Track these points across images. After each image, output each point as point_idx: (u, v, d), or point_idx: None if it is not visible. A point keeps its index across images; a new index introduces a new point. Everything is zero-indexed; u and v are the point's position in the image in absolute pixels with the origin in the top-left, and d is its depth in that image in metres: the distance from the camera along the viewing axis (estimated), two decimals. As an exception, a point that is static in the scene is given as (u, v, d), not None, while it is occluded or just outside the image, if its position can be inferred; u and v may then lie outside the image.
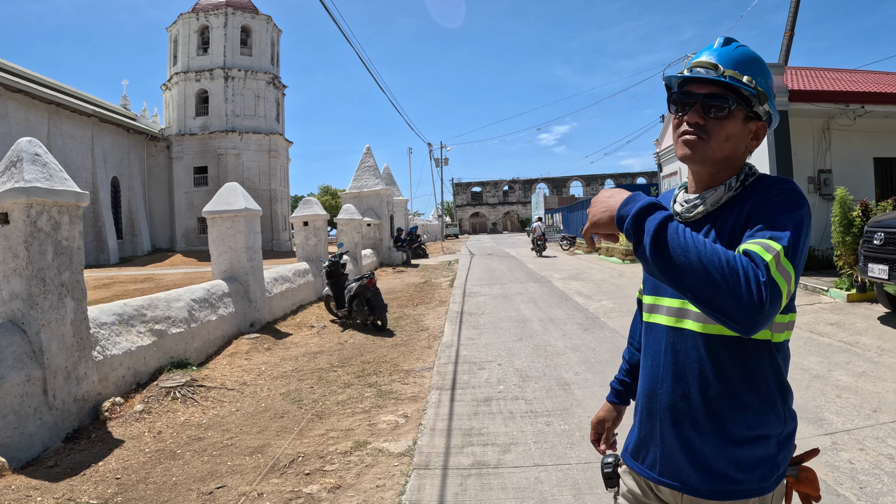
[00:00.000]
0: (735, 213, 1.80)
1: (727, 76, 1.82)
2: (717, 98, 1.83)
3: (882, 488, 4.28)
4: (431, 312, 14.06)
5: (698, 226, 1.89)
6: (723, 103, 1.82)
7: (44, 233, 5.98)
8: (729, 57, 1.87)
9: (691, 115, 1.85)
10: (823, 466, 4.66)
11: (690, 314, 1.83)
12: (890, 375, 7.02)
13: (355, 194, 31.26)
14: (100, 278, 25.71)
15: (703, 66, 1.86)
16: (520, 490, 4.56)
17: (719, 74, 1.82)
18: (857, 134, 17.09)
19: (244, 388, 7.80)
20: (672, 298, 1.90)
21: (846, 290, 12.38)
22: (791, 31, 28.33)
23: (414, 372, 8.39)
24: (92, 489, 4.88)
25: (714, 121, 1.84)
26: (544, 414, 6.30)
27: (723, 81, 1.82)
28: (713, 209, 1.88)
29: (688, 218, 1.92)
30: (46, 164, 6.17)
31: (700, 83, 1.87)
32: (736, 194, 1.87)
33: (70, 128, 38.78)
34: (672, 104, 1.96)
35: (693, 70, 1.88)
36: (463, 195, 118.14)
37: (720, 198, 1.87)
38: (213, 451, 5.67)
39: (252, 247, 11.91)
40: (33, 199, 5.81)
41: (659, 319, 1.95)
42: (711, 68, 1.85)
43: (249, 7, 53.31)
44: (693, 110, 1.85)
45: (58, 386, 5.94)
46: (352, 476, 4.98)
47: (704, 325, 1.79)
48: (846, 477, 4.48)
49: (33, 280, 5.81)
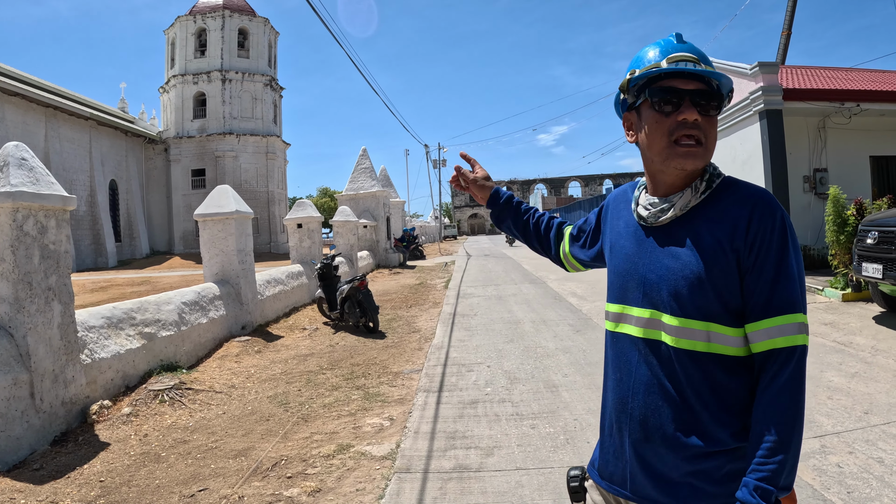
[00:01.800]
0: (712, 225, 1.75)
1: (707, 70, 1.75)
2: (705, 94, 1.76)
3: (870, 493, 4.23)
4: (424, 314, 14.05)
5: (669, 231, 1.84)
6: (711, 100, 1.77)
7: (30, 237, 5.97)
8: (699, 53, 1.80)
9: (690, 112, 1.74)
10: (811, 470, 4.63)
11: (664, 326, 1.78)
12: (883, 376, 6.99)
13: (351, 196, 31.27)
14: (97, 281, 25.69)
15: (686, 59, 1.76)
16: (500, 494, 4.53)
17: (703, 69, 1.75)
18: (854, 132, 17.04)
19: (232, 391, 7.79)
20: (641, 308, 1.84)
21: (841, 290, 12.36)
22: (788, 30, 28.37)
23: (403, 374, 8.38)
24: (76, 492, 4.88)
25: (707, 119, 1.77)
26: (530, 417, 6.27)
27: (707, 77, 1.77)
28: (681, 214, 1.82)
29: (655, 223, 1.86)
30: (33, 168, 6.16)
31: (686, 79, 1.77)
32: (705, 197, 1.81)
33: (68, 131, 38.79)
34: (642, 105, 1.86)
35: (677, 63, 1.76)
36: (461, 196, 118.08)
37: (688, 202, 1.81)
38: (198, 454, 5.66)
39: (243, 249, 11.90)
40: (19, 203, 5.80)
41: (628, 330, 1.89)
42: (694, 62, 1.76)
43: (247, 9, 53.37)
44: (687, 107, 1.75)
45: (45, 389, 5.93)
46: (333, 479, 4.97)
47: (677, 340, 1.74)
48: (833, 481, 4.44)
49: (20, 284, 5.80)
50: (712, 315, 1.70)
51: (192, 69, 51.44)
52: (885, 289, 9.90)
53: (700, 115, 1.74)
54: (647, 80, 1.82)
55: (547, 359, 8.73)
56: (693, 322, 1.71)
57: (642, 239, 1.90)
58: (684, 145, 1.76)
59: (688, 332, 1.72)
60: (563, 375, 7.78)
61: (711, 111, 1.77)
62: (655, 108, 1.80)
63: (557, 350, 9.26)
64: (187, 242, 49.22)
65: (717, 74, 1.75)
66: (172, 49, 53.02)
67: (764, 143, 16.01)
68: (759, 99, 15.90)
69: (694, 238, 1.76)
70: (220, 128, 50.82)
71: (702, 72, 1.74)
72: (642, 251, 1.88)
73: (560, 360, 8.56)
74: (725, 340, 1.71)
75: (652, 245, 1.86)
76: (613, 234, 2.06)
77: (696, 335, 1.71)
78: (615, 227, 2.07)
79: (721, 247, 1.71)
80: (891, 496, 4.17)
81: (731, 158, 17.57)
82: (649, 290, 1.82)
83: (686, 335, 1.72)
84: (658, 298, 1.79)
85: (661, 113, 1.78)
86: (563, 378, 7.65)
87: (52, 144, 36.58)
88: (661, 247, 1.83)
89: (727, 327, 1.71)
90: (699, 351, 1.71)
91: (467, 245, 58.40)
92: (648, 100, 1.82)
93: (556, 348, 9.40)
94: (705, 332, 1.71)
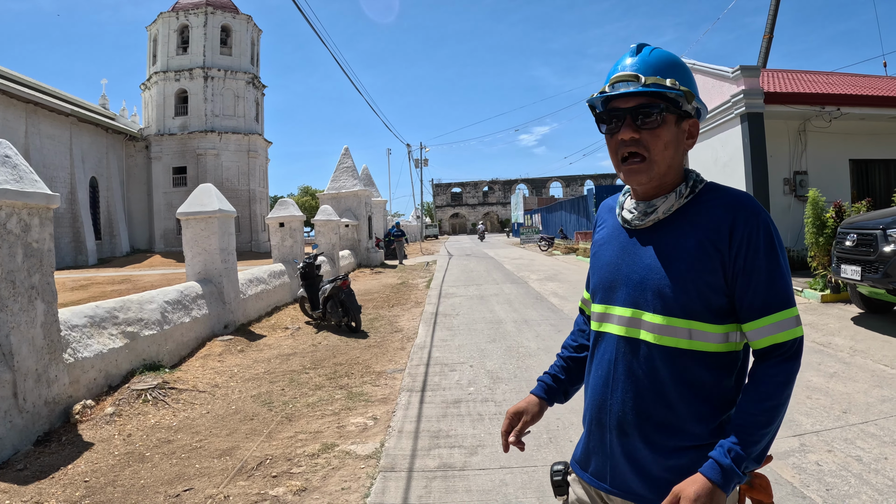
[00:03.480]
0: (694, 228, 1.81)
1: (649, 84, 1.79)
2: (644, 108, 1.81)
3: (849, 490, 4.30)
4: (406, 314, 14.06)
5: (652, 233, 1.89)
6: (651, 111, 1.81)
7: (13, 235, 5.93)
8: (647, 64, 1.85)
9: (625, 132, 1.82)
10: (790, 468, 4.70)
11: (644, 324, 1.83)
12: (861, 376, 7.08)
13: (333, 195, 31.20)
14: (77, 279, 25.52)
15: (624, 79, 1.83)
16: (484, 492, 4.57)
17: (642, 84, 1.79)
18: (833, 136, 17.18)
19: (215, 391, 7.78)
20: (623, 307, 1.89)
21: (820, 291, 12.48)
22: (770, 34, 28.56)
23: (386, 374, 8.40)
24: (60, 492, 4.86)
25: (648, 132, 1.81)
26: (513, 416, 6.29)
27: (647, 91, 1.80)
28: (664, 217, 1.88)
29: (639, 226, 1.92)
30: (17, 165, 6.13)
31: (625, 97, 1.84)
32: (688, 201, 1.87)
33: (48, 127, 38.50)
34: (601, 124, 1.94)
35: (614, 86, 1.84)
36: (443, 196, 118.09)
37: (671, 206, 1.86)
38: (182, 454, 5.65)
39: (226, 248, 11.88)
40: (2, 201, 5.75)
41: (610, 329, 1.93)
42: (633, 80, 1.81)
43: (230, 6, 53.16)
44: (625, 126, 1.83)
45: (28, 389, 5.90)
46: (318, 478, 4.98)
47: (659, 337, 1.79)
48: (813, 479, 4.50)
49: (3, 282, 5.75)
50: (694, 313, 1.76)
51: (174, 66, 51.17)
52: (864, 290, 10.01)
53: (639, 131, 1.82)
54: (601, 101, 1.92)
55: (529, 358, 8.77)
56: (676, 320, 1.77)
57: (626, 241, 1.96)
58: (627, 163, 1.86)
59: (670, 330, 1.78)
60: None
61: (653, 125, 1.82)
62: (604, 130, 1.92)
63: (539, 350, 9.30)
64: (168, 241, 48.98)
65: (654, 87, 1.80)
66: (154, 45, 52.69)
67: (745, 146, 16.14)
68: (741, 102, 16.03)
69: (677, 239, 1.82)
70: (201, 125, 50.60)
71: (633, 92, 1.81)
72: (626, 252, 1.94)
73: (542, 360, 8.59)
74: (707, 337, 1.77)
75: (635, 246, 1.92)
76: (598, 241, 2.12)
77: (678, 332, 1.77)
78: (601, 235, 2.13)
79: (704, 247, 1.77)
80: (869, 493, 4.23)
81: (713, 160, 17.70)
82: (632, 289, 1.87)
83: (668, 332, 1.78)
84: (641, 297, 1.84)
85: (609, 134, 1.90)
86: (546, 378, 7.65)
87: (33, 141, 36.29)
88: (644, 247, 1.89)
89: (709, 324, 1.77)
90: (681, 348, 1.77)
91: (448, 245, 58.35)
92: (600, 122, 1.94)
93: (539, 348, 9.44)
94: (687, 329, 1.77)
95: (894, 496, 4.18)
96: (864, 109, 16.69)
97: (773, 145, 16.52)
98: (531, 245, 46.30)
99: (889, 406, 6.03)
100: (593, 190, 41.50)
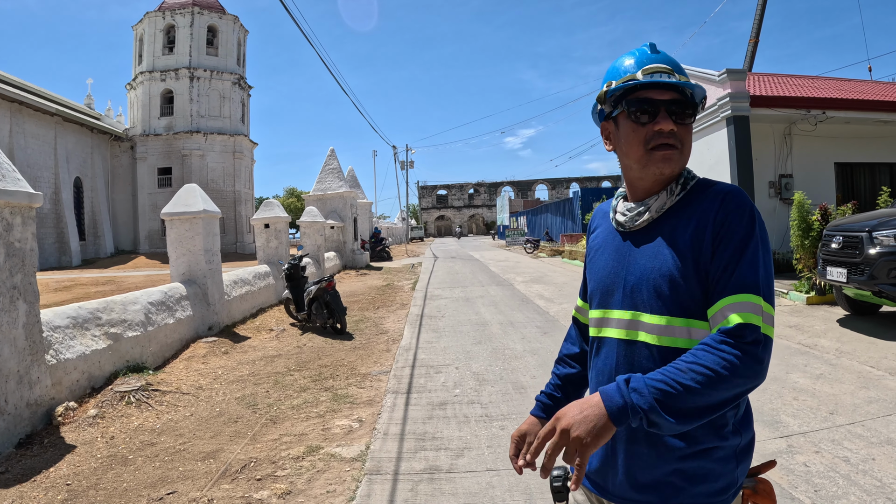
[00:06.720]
0: (687, 223, 1.78)
1: (682, 80, 1.79)
2: (679, 104, 1.80)
3: (837, 491, 4.31)
4: (392, 315, 14.05)
5: (646, 234, 1.87)
6: (686, 106, 1.80)
7: (-5, 234, 5.89)
8: (671, 62, 1.84)
9: (665, 123, 1.77)
10: (779, 470, 4.69)
11: (643, 326, 1.80)
12: (847, 378, 7.10)
13: (319, 197, 31.18)
14: (61, 280, 25.34)
15: (661, 70, 1.80)
16: (471, 495, 4.54)
17: (677, 79, 1.79)
18: (819, 139, 17.31)
19: (199, 393, 7.72)
20: (622, 310, 1.86)
21: (806, 293, 12.55)
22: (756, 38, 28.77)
23: (371, 375, 8.36)
24: (42, 495, 4.81)
25: (683, 127, 1.80)
26: (499, 418, 6.29)
27: (679, 86, 1.79)
28: (658, 216, 1.85)
29: (632, 227, 1.90)
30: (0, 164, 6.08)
31: (660, 90, 1.80)
32: (680, 199, 1.85)
33: (33, 127, 38.20)
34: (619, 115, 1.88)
35: (654, 75, 1.80)
36: (428, 198, 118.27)
37: (664, 204, 1.84)
38: (166, 457, 5.60)
39: (210, 249, 11.82)
40: (-16, 200, 5.72)
41: (610, 333, 1.90)
42: (668, 73, 1.80)
43: (216, 6, 53.00)
44: (662, 117, 1.78)
45: (9, 390, 5.83)
46: (303, 482, 4.94)
47: (659, 338, 1.76)
48: (801, 480, 4.50)
49: (-17, 283, 5.71)
50: (693, 312, 1.73)
51: (159, 66, 50.94)
52: (849, 292, 10.06)
53: (675, 125, 1.78)
54: (624, 91, 1.85)
55: (515, 360, 8.76)
56: (675, 319, 1.74)
57: (620, 243, 1.93)
58: (662, 149, 1.80)
59: (669, 330, 1.74)
60: (531, 377, 7.80)
61: (686, 119, 1.81)
62: (632, 119, 1.83)
63: (525, 352, 9.29)
64: (153, 242, 48.69)
65: (692, 85, 1.80)
66: (140, 45, 52.46)
67: (731, 149, 16.22)
68: (727, 105, 16.10)
69: (671, 237, 1.79)
70: (187, 126, 50.36)
71: (677, 83, 1.78)
72: (621, 255, 1.91)
73: (528, 362, 8.59)
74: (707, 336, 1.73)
75: (630, 248, 1.89)
76: (594, 246, 2.10)
77: (677, 332, 1.73)
78: (595, 240, 2.11)
79: (697, 243, 1.73)
80: (857, 494, 4.24)
81: (699, 163, 17.75)
82: (630, 291, 1.84)
83: (668, 333, 1.74)
84: (639, 299, 1.81)
85: (638, 123, 1.81)
86: (532, 380, 7.67)
87: (17, 140, 36.05)
88: (639, 249, 1.86)
89: (708, 322, 1.72)
90: (681, 348, 1.72)
91: (434, 247, 58.42)
92: (626, 110, 1.85)
93: (524, 350, 9.43)
94: (686, 328, 1.73)
95: (882, 497, 4.19)
96: (849, 113, 16.81)
97: (758, 148, 16.63)
98: (517, 247, 46.44)
99: (876, 407, 6.05)
100: (579, 193, 41.62)
